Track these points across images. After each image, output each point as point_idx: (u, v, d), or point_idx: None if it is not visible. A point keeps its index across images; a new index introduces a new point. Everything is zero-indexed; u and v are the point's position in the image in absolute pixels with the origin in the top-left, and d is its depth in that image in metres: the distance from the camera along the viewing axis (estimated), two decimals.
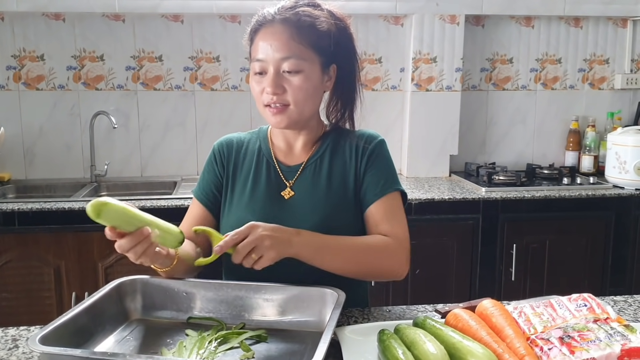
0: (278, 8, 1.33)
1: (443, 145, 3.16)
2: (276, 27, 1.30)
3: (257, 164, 1.44)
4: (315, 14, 1.32)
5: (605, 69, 3.36)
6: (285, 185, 1.41)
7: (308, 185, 1.40)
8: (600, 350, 0.99)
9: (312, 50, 1.31)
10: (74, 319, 1.11)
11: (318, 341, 1.00)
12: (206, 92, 3.11)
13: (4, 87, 2.97)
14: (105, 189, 2.98)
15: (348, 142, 1.43)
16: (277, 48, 1.29)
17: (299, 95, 1.31)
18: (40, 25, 2.95)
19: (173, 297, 1.28)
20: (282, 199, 1.39)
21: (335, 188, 1.39)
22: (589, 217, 2.81)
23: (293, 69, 1.29)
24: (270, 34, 1.30)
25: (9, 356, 1.11)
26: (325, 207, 1.37)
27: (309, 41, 1.31)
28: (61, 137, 3.04)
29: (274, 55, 1.29)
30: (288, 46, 1.29)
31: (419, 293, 2.65)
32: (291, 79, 1.30)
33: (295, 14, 1.31)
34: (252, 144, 1.48)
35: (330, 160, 1.42)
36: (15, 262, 2.46)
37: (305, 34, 1.30)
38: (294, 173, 1.42)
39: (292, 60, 1.29)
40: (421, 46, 3.08)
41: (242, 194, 1.41)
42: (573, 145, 3.29)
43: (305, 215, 1.35)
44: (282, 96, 1.31)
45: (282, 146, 1.45)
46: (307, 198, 1.38)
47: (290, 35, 1.29)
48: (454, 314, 1.15)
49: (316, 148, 1.43)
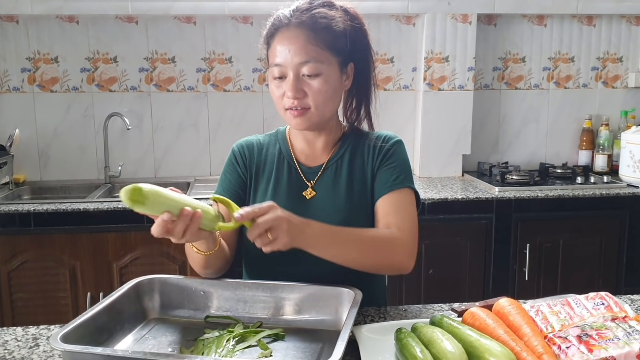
0: (293, 10, 1.33)
1: (455, 145, 3.16)
2: (293, 31, 1.30)
3: (278, 165, 1.44)
4: (331, 15, 1.32)
5: (619, 67, 3.34)
6: (306, 186, 1.42)
7: (329, 185, 1.41)
8: (618, 349, 0.99)
9: (330, 51, 1.31)
10: (94, 318, 1.12)
11: (335, 340, 1.01)
12: (219, 93, 3.12)
13: (19, 90, 3.00)
14: (119, 190, 2.99)
15: (367, 143, 1.44)
16: (295, 52, 1.29)
17: (319, 98, 1.31)
18: (54, 27, 2.97)
19: (190, 296, 1.29)
20: (304, 199, 1.40)
21: (356, 188, 1.40)
22: (603, 216, 2.80)
23: (312, 73, 1.29)
24: (287, 38, 1.30)
25: (30, 354, 1.13)
26: (347, 207, 1.38)
27: (326, 43, 1.30)
28: (75, 138, 3.07)
29: (293, 59, 1.29)
30: (306, 50, 1.29)
31: (433, 293, 2.65)
32: (311, 83, 1.30)
33: (311, 17, 1.30)
34: (272, 146, 1.48)
35: (350, 160, 1.43)
36: (31, 263, 2.48)
37: (322, 36, 1.30)
38: (315, 174, 1.43)
39: (311, 64, 1.29)
40: (433, 45, 3.07)
41: (264, 196, 1.42)
42: (586, 144, 3.28)
43: (328, 214, 1.35)
44: (303, 100, 1.31)
45: (302, 147, 1.45)
46: (329, 198, 1.39)
47: (307, 38, 1.29)
48: (471, 313, 1.15)
49: (336, 149, 1.44)
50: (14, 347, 1.16)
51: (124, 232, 2.50)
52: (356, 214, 1.38)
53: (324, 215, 1.32)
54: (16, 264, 2.47)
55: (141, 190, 1.02)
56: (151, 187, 1.04)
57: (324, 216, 1.31)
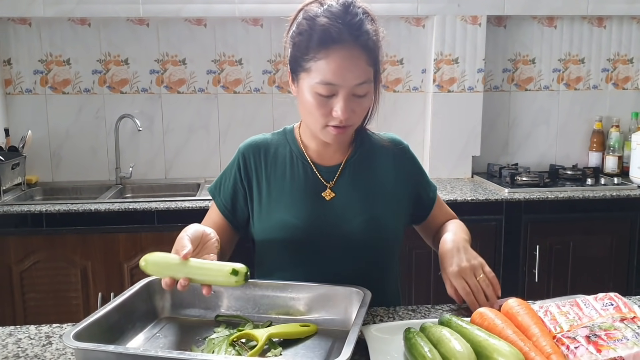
0: (346, 24, 1.22)
1: (465, 147, 3.16)
2: (351, 51, 1.22)
3: (291, 165, 1.41)
4: (375, 30, 1.27)
5: (630, 69, 3.33)
6: (324, 186, 1.39)
7: (348, 186, 1.39)
8: (627, 349, 0.99)
9: (373, 67, 1.27)
10: (106, 317, 1.14)
11: (344, 339, 1.02)
12: (229, 95, 3.14)
13: (32, 92, 3.03)
14: (130, 191, 3.02)
15: (380, 144, 1.45)
16: (356, 75, 1.22)
17: (362, 116, 1.31)
18: (67, 30, 3.00)
19: (201, 296, 1.29)
20: (323, 200, 1.38)
21: (376, 189, 1.40)
22: (614, 218, 2.79)
23: (364, 93, 1.26)
24: (347, 58, 1.21)
25: (43, 352, 1.14)
26: (368, 207, 1.38)
27: (374, 61, 1.27)
28: (87, 140, 3.09)
29: (350, 81, 1.22)
30: (365, 71, 1.23)
31: (442, 294, 2.63)
32: (360, 102, 1.26)
33: (366, 36, 1.24)
34: (282, 146, 1.44)
35: (369, 161, 1.42)
36: (43, 263, 2.51)
37: (373, 55, 1.26)
38: (332, 174, 1.40)
39: (365, 85, 1.25)
40: (443, 47, 3.08)
41: (280, 196, 1.39)
42: (597, 145, 3.26)
43: (350, 216, 1.35)
44: (350, 119, 1.26)
45: (315, 147, 1.41)
46: (350, 199, 1.38)
47: (366, 60, 1.23)
48: (479, 313, 1.15)
49: (352, 149, 1.43)
50: (27, 344, 1.18)
51: (134, 233, 2.52)
52: (379, 215, 1.38)
53: (345, 217, 1.32)
54: (28, 264, 2.50)
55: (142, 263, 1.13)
56: (152, 258, 1.13)
57: (345, 218, 1.31)
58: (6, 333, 1.24)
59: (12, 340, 1.20)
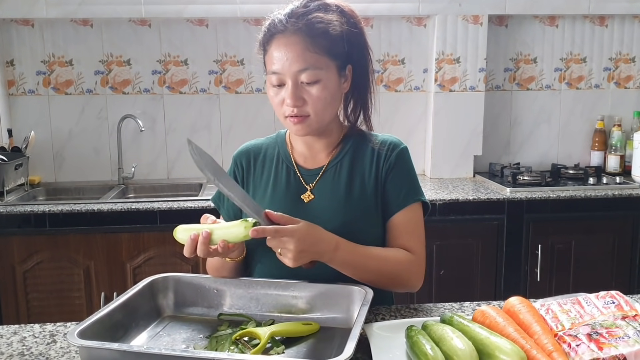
0: (288, 15, 1.28)
1: (467, 146, 3.16)
2: (289, 38, 1.26)
3: (276, 168, 1.43)
4: (328, 19, 1.28)
5: (632, 68, 3.33)
6: (305, 189, 1.39)
7: (328, 188, 1.38)
8: (628, 347, 0.99)
9: (328, 56, 1.28)
10: (109, 315, 1.14)
11: (346, 337, 1.02)
12: (231, 95, 3.15)
13: (34, 92, 3.04)
14: (133, 191, 3.03)
15: (370, 147, 1.41)
16: (293, 60, 1.26)
17: (318, 105, 1.29)
18: (69, 31, 3.01)
19: (204, 294, 1.31)
20: (302, 203, 1.38)
21: (355, 192, 1.38)
22: (616, 217, 2.79)
23: (311, 80, 1.27)
24: (284, 46, 1.27)
25: (47, 350, 1.15)
26: (345, 211, 1.36)
27: (323, 49, 1.27)
28: (89, 140, 3.10)
29: (291, 67, 1.26)
30: (304, 57, 1.25)
31: (444, 294, 2.65)
32: (310, 90, 1.28)
33: (308, 23, 1.27)
34: (271, 149, 1.46)
35: (350, 164, 1.40)
36: (46, 263, 2.52)
37: (319, 42, 1.26)
38: (314, 177, 1.40)
39: (309, 72, 1.26)
40: (444, 47, 3.08)
41: (262, 199, 1.40)
42: (599, 145, 3.27)
43: (325, 219, 1.32)
44: (303, 108, 1.29)
45: (302, 150, 1.43)
46: (326, 202, 1.37)
47: (304, 46, 1.26)
48: (481, 311, 1.16)
49: (337, 151, 1.42)
50: (31, 343, 1.18)
51: (137, 233, 2.53)
52: (354, 219, 1.35)
53: (320, 220, 1.28)
54: (31, 264, 2.50)
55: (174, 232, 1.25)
56: (182, 226, 1.25)
57: (320, 221, 1.28)
58: (11, 332, 1.24)
59: (17, 339, 1.21)
